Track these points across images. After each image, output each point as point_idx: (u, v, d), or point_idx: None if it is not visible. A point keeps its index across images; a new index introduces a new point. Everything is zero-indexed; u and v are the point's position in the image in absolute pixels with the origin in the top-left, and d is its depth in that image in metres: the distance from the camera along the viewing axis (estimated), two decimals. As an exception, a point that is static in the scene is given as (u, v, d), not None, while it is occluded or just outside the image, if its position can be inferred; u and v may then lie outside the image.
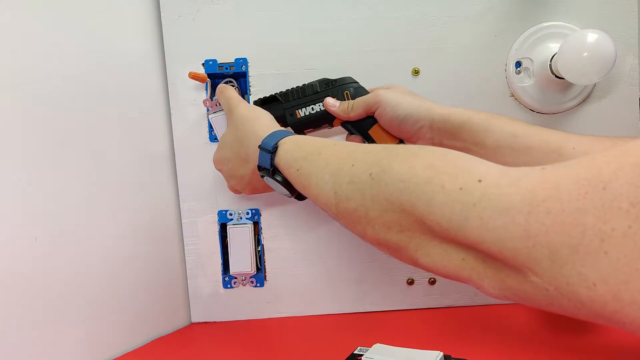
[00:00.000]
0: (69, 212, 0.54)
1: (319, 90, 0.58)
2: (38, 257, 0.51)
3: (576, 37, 0.55)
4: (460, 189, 0.31)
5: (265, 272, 0.67)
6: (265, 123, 0.53)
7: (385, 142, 0.56)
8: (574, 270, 0.25)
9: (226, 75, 0.65)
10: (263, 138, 0.49)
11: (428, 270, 0.35)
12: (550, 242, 0.26)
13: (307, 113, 0.58)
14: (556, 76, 0.60)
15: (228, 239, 0.65)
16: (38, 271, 0.51)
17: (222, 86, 0.61)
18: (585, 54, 0.54)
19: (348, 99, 0.57)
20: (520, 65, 0.64)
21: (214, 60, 0.64)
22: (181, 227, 0.67)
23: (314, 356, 0.56)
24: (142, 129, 0.63)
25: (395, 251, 0.37)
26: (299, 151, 0.46)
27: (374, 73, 0.64)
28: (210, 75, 0.63)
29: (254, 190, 0.55)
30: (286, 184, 0.47)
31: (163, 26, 0.64)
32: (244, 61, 0.64)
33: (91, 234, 0.57)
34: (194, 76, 0.61)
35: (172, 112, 0.65)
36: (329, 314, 0.67)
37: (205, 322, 0.68)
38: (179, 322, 0.67)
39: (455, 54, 0.64)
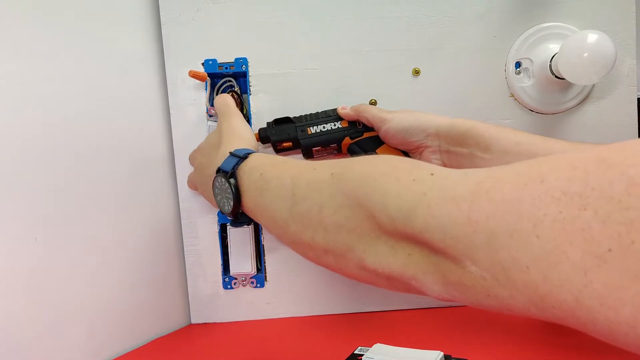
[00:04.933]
0: (69, 212, 0.54)
1: (331, 114, 0.61)
2: (38, 258, 0.51)
3: (577, 38, 0.55)
4: (414, 180, 0.33)
5: (265, 273, 0.67)
6: (248, 144, 0.52)
7: None
8: (508, 255, 0.26)
9: (226, 75, 0.65)
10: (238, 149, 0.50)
11: (372, 274, 0.35)
12: (488, 228, 0.27)
13: (318, 130, 0.61)
14: (556, 76, 0.60)
15: (228, 239, 0.65)
16: (38, 271, 0.51)
17: (224, 95, 0.60)
18: (585, 54, 0.54)
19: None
20: (520, 66, 0.65)
21: (214, 60, 0.64)
22: (181, 227, 0.66)
23: (314, 356, 0.56)
24: (142, 129, 0.63)
25: (342, 257, 0.37)
26: (268, 159, 0.46)
27: (374, 73, 0.64)
28: (210, 75, 0.63)
29: (203, 192, 0.56)
30: (235, 192, 0.46)
31: (162, 26, 0.63)
32: (243, 61, 0.64)
33: (91, 234, 0.56)
34: (194, 75, 0.61)
35: (171, 112, 0.65)
36: (329, 314, 0.67)
37: (205, 323, 0.68)
38: (178, 323, 0.67)
39: (455, 54, 0.64)
